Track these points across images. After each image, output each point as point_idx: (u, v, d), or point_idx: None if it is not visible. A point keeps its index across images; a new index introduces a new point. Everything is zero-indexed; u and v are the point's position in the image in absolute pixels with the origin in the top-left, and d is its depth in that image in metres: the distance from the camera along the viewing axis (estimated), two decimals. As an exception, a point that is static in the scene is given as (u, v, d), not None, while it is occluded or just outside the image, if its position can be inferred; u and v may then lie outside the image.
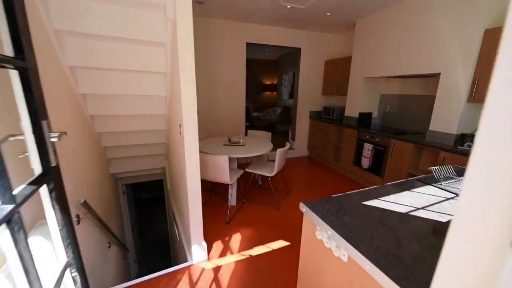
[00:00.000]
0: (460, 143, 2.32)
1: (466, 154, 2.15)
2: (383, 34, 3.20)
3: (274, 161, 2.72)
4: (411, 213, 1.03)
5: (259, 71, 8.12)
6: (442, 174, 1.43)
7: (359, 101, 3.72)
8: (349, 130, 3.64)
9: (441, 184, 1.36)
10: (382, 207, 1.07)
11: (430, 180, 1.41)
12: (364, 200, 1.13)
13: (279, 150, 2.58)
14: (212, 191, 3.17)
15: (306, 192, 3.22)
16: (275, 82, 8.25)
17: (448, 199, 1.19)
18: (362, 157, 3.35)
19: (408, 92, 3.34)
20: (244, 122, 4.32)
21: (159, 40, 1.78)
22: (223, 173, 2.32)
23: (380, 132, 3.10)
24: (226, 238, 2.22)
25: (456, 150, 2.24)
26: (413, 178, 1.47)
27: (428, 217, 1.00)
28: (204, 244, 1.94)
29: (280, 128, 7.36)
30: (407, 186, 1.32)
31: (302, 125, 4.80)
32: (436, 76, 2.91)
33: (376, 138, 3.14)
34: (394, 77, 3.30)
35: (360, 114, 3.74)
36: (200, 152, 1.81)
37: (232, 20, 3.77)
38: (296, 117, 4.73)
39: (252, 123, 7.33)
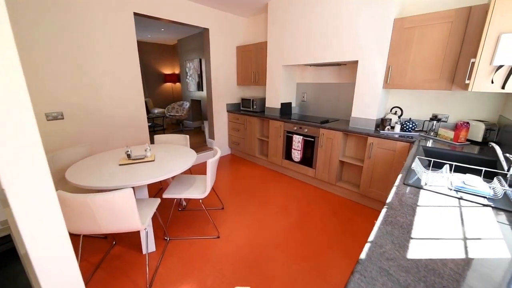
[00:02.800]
0: (382, 127, 2.44)
1: (391, 138, 2.25)
2: (296, 20, 3.01)
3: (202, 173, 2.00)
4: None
5: (155, 58, 6.70)
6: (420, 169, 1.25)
7: (280, 90, 3.49)
8: (275, 123, 3.37)
9: (425, 185, 1.16)
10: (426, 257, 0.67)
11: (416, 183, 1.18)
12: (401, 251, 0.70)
13: (210, 162, 1.89)
14: (111, 237, 2.08)
15: (245, 201, 2.70)
16: (177, 72, 7.08)
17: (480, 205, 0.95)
18: (293, 150, 3.16)
19: (322, 80, 3.38)
20: (146, 124, 3.21)
21: None
22: (129, 219, 1.40)
23: (307, 122, 2.97)
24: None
25: (382, 135, 2.32)
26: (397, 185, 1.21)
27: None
28: None
29: (192, 126, 6.43)
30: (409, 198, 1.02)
31: (220, 120, 4.19)
32: (348, 65, 3.01)
33: (305, 129, 2.99)
34: (311, 65, 3.24)
35: (282, 104, 3.55)
36: (78, 186, 0.87)
37: (105, -25, 2.54)
38: (212, 112, 4.05)
39: (155, 123, 5.99)
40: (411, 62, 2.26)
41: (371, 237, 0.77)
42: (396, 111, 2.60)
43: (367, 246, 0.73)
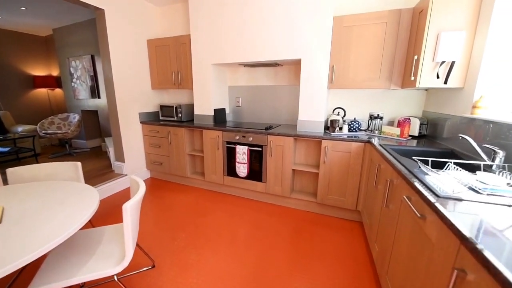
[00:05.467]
0: (331, 129, 2.30)
1: (346, 140, 2.12)
2: (226, 12, 2.56)
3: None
4: None
5: (17, 53, 4.65)
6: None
7: (212, 94, 2.90)
8: (211, 133, 2.74)
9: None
10: None
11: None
12: None
13: (129, 207, 1.08)
14: None
15: (183, 246, 1.92)
16: (55, 74, 5.19)
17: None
18: (237, 164, 2.62)
19: (257, 83, 3.06)
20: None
21: None
22: None
23: (252, 129, 2.52)
24: None
25: (335, 137, 2.15)
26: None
27: None
28: None
29: (86, 146, 4.78)
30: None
31: (131, 135, 3.14)
32: (285, 65, 2.80)
33: (250, 137, 2.53)
34: (245, 65, 2.85)
35: (216, 111, 2.97)
36: None
37: None
38: (118, 126, 2.96)
39: (18, 148, 3.99)
40: (352, 61, 2.22)
41: None
42: (338, 112, 2.56)
43: None
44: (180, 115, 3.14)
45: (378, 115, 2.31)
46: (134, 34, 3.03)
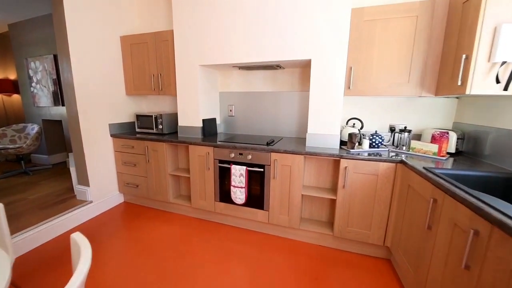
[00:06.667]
0: (350, 145, 1.87)
1: (373, 159, 1.69)
2: (216, 2, 2.11)
3: None
4: None
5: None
6: None
7: (200, 102, 2.40)
8: (199, 149, 2.22)
9: None
10: None
11: None
12: None
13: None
14: None
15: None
16: (12, 77, 4.43)
17: None
18: (232, 188, 2.11)
19: (253, 88, 2.60)
20: None
21: None
22: None
23: (251, 144, 2.04)
24: None
25: (356, 156, 1.72)
26: None
27: None
28: None
29: (48, 162, 4.07)
30: None
31: (98, 151, 2.54)
32: (287, 68, 2.37)
33: (248, 155, 2.04)
34: (240, 67, 2.39)
35: (205, 121, 2.46)
36: None
37: None
38: (80, 141, 2.36)
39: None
40: (375, 62, 1.83)
41: None
42: (354, 124, 2.15)
43: None
44: (160, 126, 2.60)
45: (405, 127, 1.92)
46: (103, 29, 2.48)
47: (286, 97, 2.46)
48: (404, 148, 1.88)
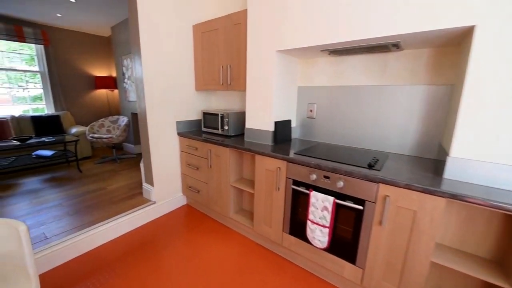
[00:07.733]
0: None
1: None
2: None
3: None
4: None
5: (82, 54, 4.68)
6: None
7: (274, 99, 1.86)
8: (268, 161, 1.70)
9: None
10: None
11: None
12: None
13: None
14: None
15: None
16: (114, 75, 5.11)
17: None
18: (310, 224, 1.50)
19: (347, 81, 1.86)
20: None
21: None
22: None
23: (343, 163, 1.36)
24: None
25: None
26: None
27: None
28: None
29: (134, 151, 4.49)
30: None
31: (165, 150, 2.39)
32: (406, 49, 1.52)
33: (338, 181, 1.37)
34: (330, 51, 1.69)
35: (277, 124, 1.92)
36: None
37: None
38: (147, 136, 2.24)
39: (66, 151, 3.83)
40: None
41: None
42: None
43: None
44: (226, 127, 2.22)
45: None
46: (175, 19, 2.25)
47: (400, 94, 1.63)
48: None
